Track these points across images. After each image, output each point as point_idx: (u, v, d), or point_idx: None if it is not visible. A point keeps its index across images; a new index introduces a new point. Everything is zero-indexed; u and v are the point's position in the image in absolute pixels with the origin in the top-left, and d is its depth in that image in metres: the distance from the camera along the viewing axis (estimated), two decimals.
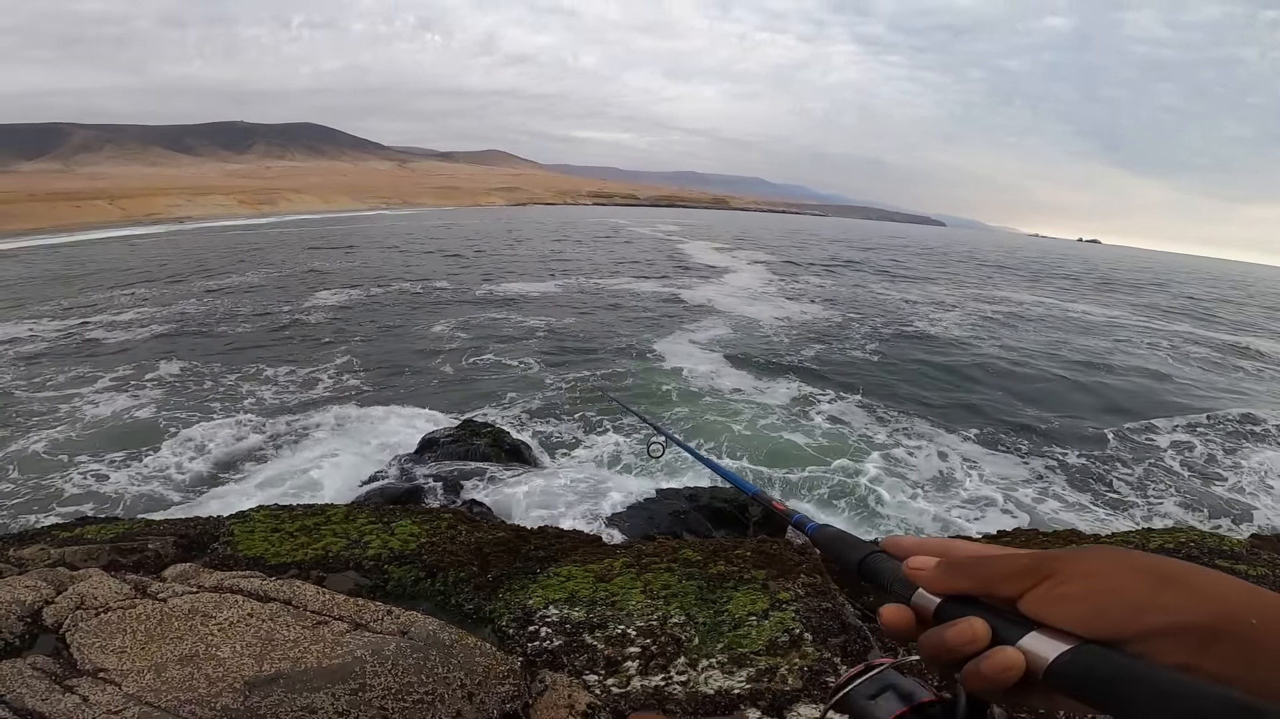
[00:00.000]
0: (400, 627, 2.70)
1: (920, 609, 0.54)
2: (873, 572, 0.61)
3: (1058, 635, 0.46)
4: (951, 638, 0.50)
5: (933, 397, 16.42)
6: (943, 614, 0.53)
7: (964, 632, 0.49)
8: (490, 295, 27.74)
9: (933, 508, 10.38)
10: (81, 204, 71.42)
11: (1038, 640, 0.47)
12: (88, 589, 2.82)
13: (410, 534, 4.32)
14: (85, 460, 10.72)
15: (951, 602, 0.53)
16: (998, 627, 0.49)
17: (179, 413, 12.86)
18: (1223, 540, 5.10)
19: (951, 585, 0.53)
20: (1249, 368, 23.66)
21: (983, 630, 0.49)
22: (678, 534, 6.78)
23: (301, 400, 14.06)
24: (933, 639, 0.51)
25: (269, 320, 21.35)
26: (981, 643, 0.49)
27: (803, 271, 44.20)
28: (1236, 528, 10.00)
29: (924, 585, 0.55)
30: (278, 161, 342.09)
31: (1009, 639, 0.48)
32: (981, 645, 0.49)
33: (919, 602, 0.55)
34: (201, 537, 4.33)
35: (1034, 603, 0.49)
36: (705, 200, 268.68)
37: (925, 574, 0.55)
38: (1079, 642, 0.45)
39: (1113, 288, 54.83)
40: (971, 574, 0.53)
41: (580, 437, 12.21)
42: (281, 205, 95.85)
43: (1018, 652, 0.47)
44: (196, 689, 2.30)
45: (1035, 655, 0.46)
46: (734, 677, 2.88)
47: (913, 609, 0.55)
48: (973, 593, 0.52)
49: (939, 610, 0.53)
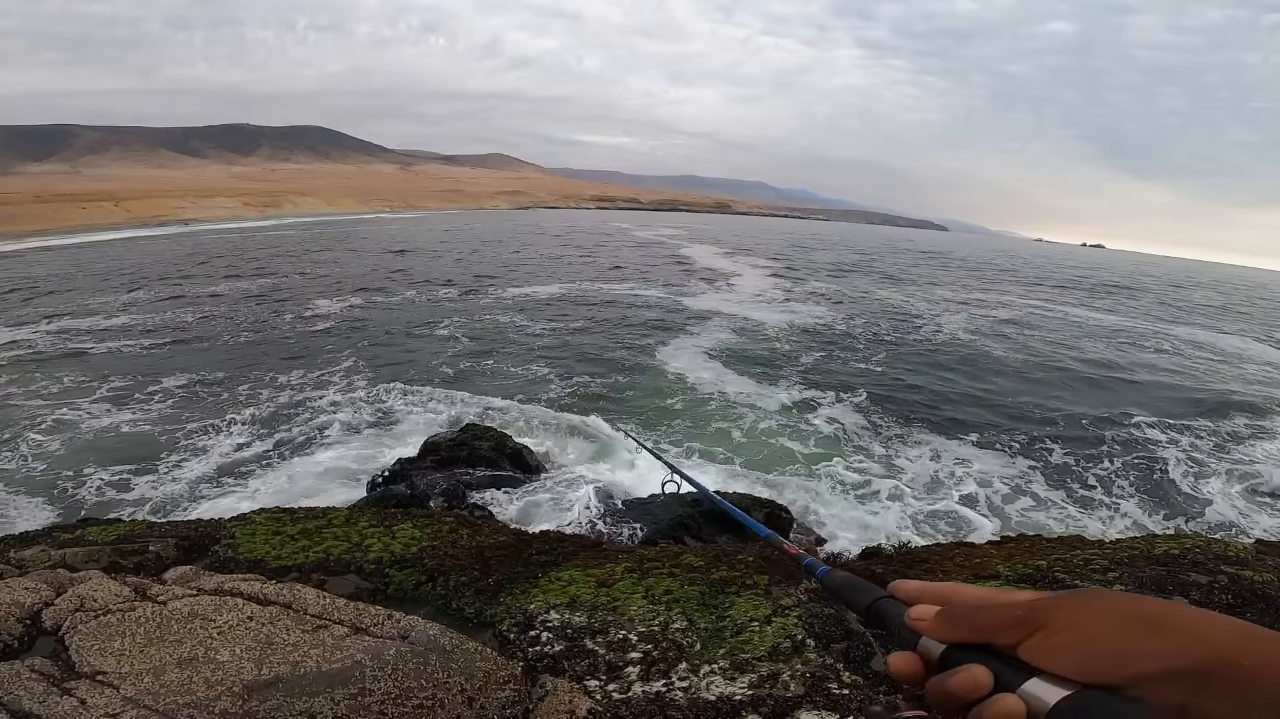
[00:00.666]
0: (401, 631, 2.69)
1: (927, 655, 0.56)
2: (880, 618, 0.62)
3: (1058, 682, 0.47)
4: (954, 686, 0.51)
5: (933, 401, 16.54)
6: (948, 661, 0.54)
7: (965, 680, 0.51)
8: (497, 300, 27.78)
9: (925, 507, 10.55)
10: (87, 206, 71.81)
11: (1038, 686, 0.48)
12: (87, 591, 2.81)
13: (411, 538, 4.31)
14: (89, 469, 10.73)
15: (956, 649, 0.54)
16: (1000, 673, 0.50)
17: (183, 419, 12.88)
18: (1228, 546, 5.06)
19: (952, 635, 0.55)
20: (1249, 372, 23.76)
21: (984, 678, 0.50)
22: (680, 539, 6.76)
23: (306, 403, 14.09)
24: (937, 687, 0.53)
25: (274, 325, 21.45)
26: (983, 690, 0.50)
27: (807, 277, 44.14)
28: (1244, 533, 9.96)
29: (925, 634, 0.56)
30: (282, 164, 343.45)
31: (1010, 686, 0.49)
32: (984, 692, 0.50)
33: (925, 648, 0.56)
34: (203, 539, 4.33)
35: (1031, 652, 0.50)
36: (707, 204, 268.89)
37: (926, 624, 0.57)
38: (1079, 687, 0.46)
39: (1116, 291, 54.87)
40: (970, 625, 0.54)
41: (582, 442, 12.20)
42: (286, 208, 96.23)
43: (1018, 698, 0.48)
44: (195, 693, 2.29)
45: (1036, 701, 0.47)
46: (736, 683, 2.86)
47: (920, 656, 0.56)
48: (971, 642, 0.54)
49: (944, 657, 0.54)
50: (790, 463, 11.96)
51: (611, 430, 12.62)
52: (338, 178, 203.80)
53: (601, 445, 11.95)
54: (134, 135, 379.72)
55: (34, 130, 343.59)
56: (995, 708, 0.48)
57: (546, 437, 12.32)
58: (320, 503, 7.68)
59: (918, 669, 0.56)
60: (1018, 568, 4.45)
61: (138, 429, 12.39)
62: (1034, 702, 0.47)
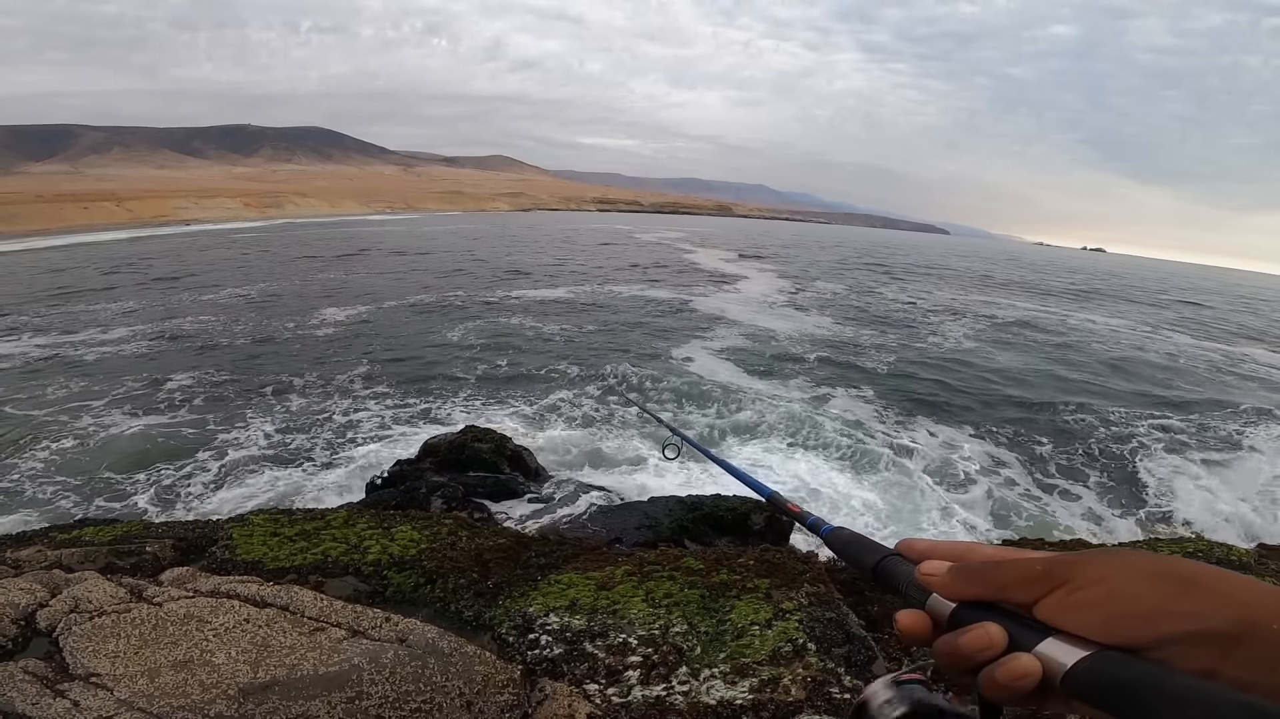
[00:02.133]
0: (399, 634, 2.66)
1: (936, 614, 0.53)
2: (888, 575, 0.60)
3: (1075, 641, 0.45)
4: (966, 644, 0.48)
5: (939, 397, 17.08)
6: (958, 619, 0.51)
7: (979, 638, 0.48)
8: (503, 302, 27.79)
9: (937, 499, 10.80)
10: (89, 206, 71.95)
11: (1055, 646, 0.45)
12: (83, 592, 2.79)
13: (410, 540, 4.29)
14: (101, 473, 10.70)
15: (967, 607, 0.51)
16: (1014, 632, 0.47)
17: (191, 425, 12.82)
18: (1230, 550, 5.06)
19: (964, 592, 0.52)
20: (1246, 372, 24.17)
21: (999, 636, 0.48)
22: (680, 542, 6.73)
23: (311, 406, 14.07)
24: (948, 645, 0.50)
25: (277, 331, 21.28)
26: (997, 649, 0.47)
27: (811, 279, 44.57)
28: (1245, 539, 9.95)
29: (937, 590, 0.53)
30: (284, 165, 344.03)
31: (1025, 645, 0.46)
32: (997, 652, 0.47)
33: (934, 607, 0.53)
34: (200, 540, 4.30)
35: (1049, 609, 0.47)
36: (709, 207, 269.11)
37: (938, 580, 0.54)
38: (1097, 648, 0.44)
39: (1112, 296, 55.13)
40: (984, 580, 0.52)
41: (585, 444, 12.18)
42: (288, 209, 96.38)
43: (1034, 658, 0.45)
44: (190, 695, 2.27)
45: (1052, 661, 0.45)
46: (736, 687, 2.84)
47: (929, 614, 0.54)
48: (987, 599, 0.51)
49: (954, 616, 0.52)
50: (802, 456, 12.30)
51: (613, 434, 12.60)
52: (339, 179, 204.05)
53: (602, 448, 11.94)
54: (136, 135, 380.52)
55: (36, 130, 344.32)
56: (1008, 668, 0.46)
57: (548, 439, 12.30)
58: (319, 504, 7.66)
59: (926, 627, 0.54)
60: None
61: (150, 433, 12.33)
62: (1050, 662, 0.45)
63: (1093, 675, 0.43)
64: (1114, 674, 0.42)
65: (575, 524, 7.81)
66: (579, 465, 11.22)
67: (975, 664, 0.48)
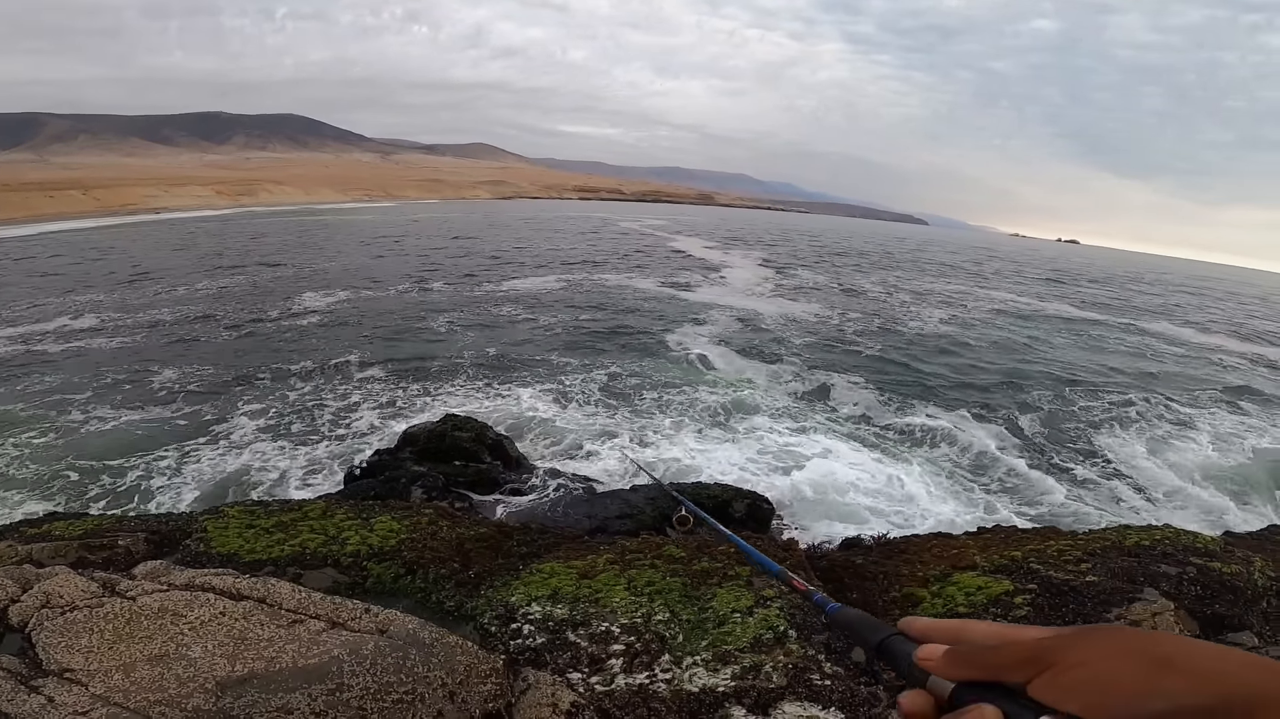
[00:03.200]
0: (379, 625, 2.65)
1: (937, 694, 0.56)
2: (891, 655, 0.62)
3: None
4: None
5: (920, 378, 18.25)
6: (957, 699, 0.54)
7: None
8: (491, 292, 27.65)
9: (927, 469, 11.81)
10: (55, 194, 69.96)
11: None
12: (54, 587, 2.73)
13: (390, 530, 4.25)
14: (81, 464, 10.53)
15: (966, 687, 0.54)
16: (1010, 712, 0.50)
17: (180, 416, 12.62)
18: (1196, 538, 5.17)
19: (959, 674, 0.55)
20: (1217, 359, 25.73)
21: (993, 718, 0.50)
22: (661, 530, 6.76)
23: (303, 394, 13.89)
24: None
25: (258, 321, 20.94)
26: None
27: (795, 267, 45.54)
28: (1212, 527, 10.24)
29: (935, 674, 0.56)
30: (258, 152, 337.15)
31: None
32: None
33: (935, 687, 0.56)
34: (173, 533, 4.23)
35: (1041, 690, 0.50)
36: (690, 196, 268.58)
37: (934, 664, 0.56)
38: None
39: (1076, 283, 57.03)
40: (976, 664, 0.54)
41: (564, 434, 12.16)
42: (262, 196, 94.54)
43: None
44: (166, 690, 2.24)
45: None
46: (719, 674, 2.86)
47: (930, 694, 0.56)
48: (980, 680, 0.53)
49: (954, 696, 0.54)
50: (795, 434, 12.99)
51: (590, 420, 12.60)
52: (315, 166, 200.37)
53: (582, 438, 11.93)
54: (103, 123, 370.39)
55: (1, 119, 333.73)
56: None
57: (528, 428, 12.27)
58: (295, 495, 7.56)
59: (929, 708, 0.56)
60: (994, 558, 4.51)
61: (132, 426, 12.12)
62: None
63: None
64: None
65: (557, 513, 7.81)
66: (560, 455, 11.22)
67: None
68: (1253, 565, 4.33)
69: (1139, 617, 3.54)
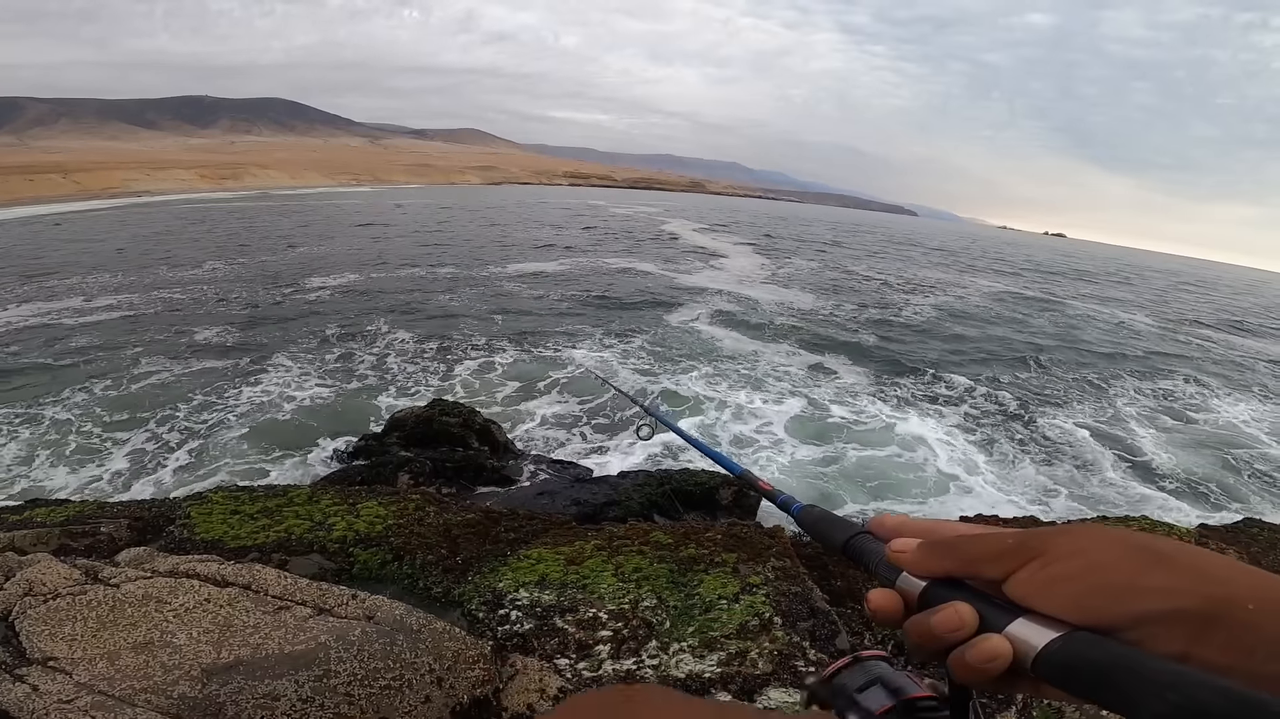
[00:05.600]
0: (366, 611, 2.64)
1: (906, 594, 0.52)
2: (858, 553, 0.58)
3: (1048, 622, 0.43)
4: (936, 625, 0.47)
5: (896, 352, 19.67)
6: (929, 598, 0.50)
7: (949, 618, 0.47)
8: (496, 274, 28.07)
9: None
10: (34, 178, 68.64)
11: (1026, 627, 0.44)
12: (35, 575, 2.71)
13: (376, 516, 4.24)
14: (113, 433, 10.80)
15: (938, 585, 0.50)
16: (985, 612, 0.46)
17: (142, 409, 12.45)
18: (1172, 529, 5.25)
19: (934, 567, 0.51)
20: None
21: (969, 617, 0.46)
22: (649, 517, 6.79)
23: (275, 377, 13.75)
24: (918, 626, 0.48)
25: (269, 299, 21.00)
26: (968, 630, 0.46)
27: (788, 255, 46.45)
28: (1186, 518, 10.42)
29: (907, 568, 0.52)
30: (244, 136, 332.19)
31: (997, 626, 0.45)
32: (968, 633, 0.46)
33: (905, 586, 0.52)
34: (157, 519, 4.20)
35: (1020, 585, 0.46)
36: (682, 184, 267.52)
37: (908, 556, 0.52)
38: (1069, 628, 0.42)
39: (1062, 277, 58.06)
40: (954, 555, 0.50)
41: (554, 418, 12.16)
42: (247, 180, 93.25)
43: (1004, 639, 0.44)
44: (152, 677, 2.23)
45: (1023, 643, 0.43)
46: (705, 660, 2.88)
47: (899, 593, 0.52)
48: (957, 575, 0.50)
49: (924, 594, 0.50)
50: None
51: (587, 410, 12.60)
52: (302, 150, 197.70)
53: (573, 422, 11.94)
54: (84, 107, 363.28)
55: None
56: (979, 649, 0.44)
57: (518, 412, 12.25)
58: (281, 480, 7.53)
59: (897, 607, 0.52)
60: None
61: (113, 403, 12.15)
62: (1021, 644, 0.43)
63: (1064, 658, 0.42)
64: (1086, 657, 0.41)
65: (545, 499, 7.82)
66: (548, 440, 11.22)
67: (946, 645, 0.47)
68: None
69: None
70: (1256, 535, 5.59)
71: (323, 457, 10.06)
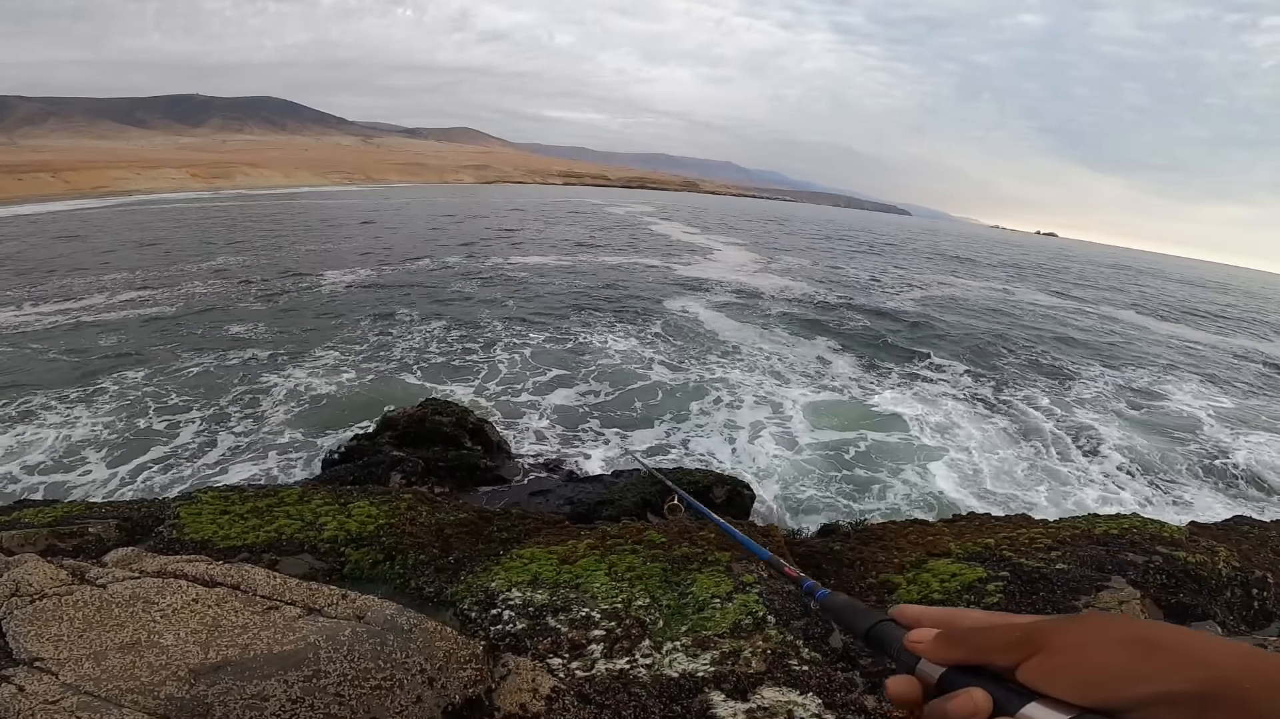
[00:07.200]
0: (356, 611, 2.62)
1: (925, 679, 0.55)
2: (880, 641, 0.62)
3: (1056, 705, 0.47)
4: (954, 710, 0.50)
5: (892, 343, 20.86)
6: (946, 684, 0.53)
7: (965, 704, 0.50)
8: (500, 268, 28.78)
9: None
10: (23, 177, 68.02)
11: (1037, 710, 0.47)
12: (22, 575, 2.67)
13: (368, 516, 4.22)
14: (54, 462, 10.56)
15: (955, 671, 0.54)
16: (999, 697, 0.49)
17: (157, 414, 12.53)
18: (1163, 527, 5.27)
19: (949, 657, 0.55)
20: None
21: (984, 702, 0.49)
22: (642, 516, 6.78)
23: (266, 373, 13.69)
24: (937, 710, 0.52)
25: (287, 292, 21.36)
26: (983, 714, 0.49)
27: (781, 252, 47.65)
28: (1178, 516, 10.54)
29: (925, 656, 0.56)
30: (235, 135, 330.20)
31: (1009, 710, 0.48)
32: (983, 717, 0.49)
33: (924, 671, 0.56)
34: (146, 519, 4.16)
35: (1030, 674, 0.49)
36: (676, 184, 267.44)
37: (924, 647, 0.56)
38: (1077, 711, 0.45)
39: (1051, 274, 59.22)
40: (968, 645, 0.54)
41: (547, 416, 12.14)
42: (238, 180, 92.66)
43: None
44: (139, 678, 2.20)
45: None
46: (698, 659, 2.88)
47: (918, 679, 0.56)
48: (971, 663, 0.53)
49: (943, 680, 0.54)
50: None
51: (576, 402, 12.58)
52: (294, 149, 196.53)
53: (565, 421, 11.92)
54: (74, 106, 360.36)
55: None
56: None
57: (510, 412, 12.22)
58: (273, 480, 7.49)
59: (916, 693, 0.56)
60: (968, 546, 4.57)
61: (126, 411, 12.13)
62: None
63: None
64: None
65: (538, 498, 7.80)
66: (541, 440, 11.20)
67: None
68: (1217, 555, 4.43)
69: (1106, 604, 3.62)
70: (1247, 533, 5.64)
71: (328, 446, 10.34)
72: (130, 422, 11.21)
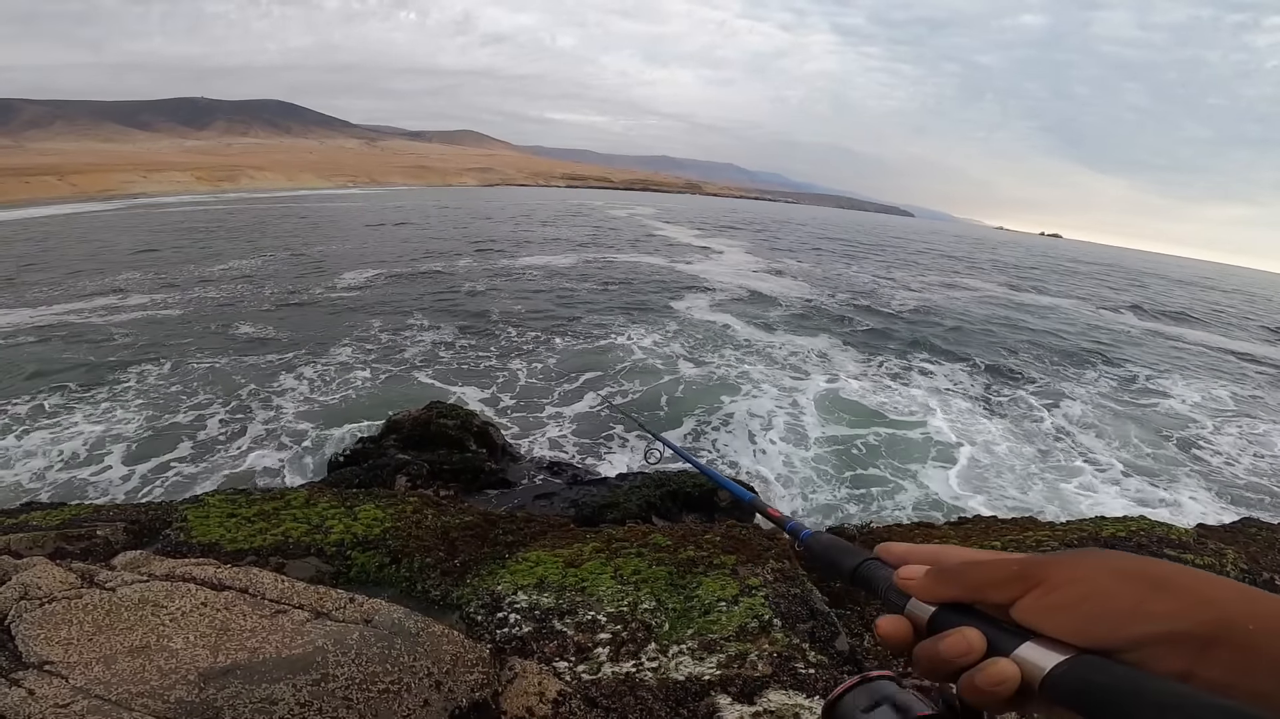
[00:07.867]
0: (363, 615, 2.63)
1: (915, 619, 0.53)
2: (866, 580, 0.60)
3: (1052, 645, 0.45)
4: (945, 649, 0.48)
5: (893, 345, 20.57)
6: (937, 624, 0.51)
7: (958, 643, 0.48)
8: (510, 268, 29.05)
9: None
10: (30, 180, 68.41)
11: (1032, 650, 0.45)
12: (31, 579, 2.69)
13: (374, 519, 4.23)
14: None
15: (946, 611, 0.52)
16: (993, 637, 0.47)
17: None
18: (1170, 529, 5.25)
19: (941, 593, 0.52)
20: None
21: (977, 641, 0.47)
22: (647, 519, 6.78)
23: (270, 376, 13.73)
24: (927, 650, 0.50)
25: (301, 294, 21.38)
26: (976, 654, 0.47)
27: (784, 254, 47.73)
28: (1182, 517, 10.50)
29: (915, 594, 0.54)
30: (239, 138, 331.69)
31: (1004, 650, 0.46)
32: (976, 657, 0.47)
33: (914, 611, 0.54)
34: (153, 522, 4.18)
35: (1025, 611, 0.47)
36: (678, 185, 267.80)
37: (916, 583, 0.54)
38: (1075, 652, 0.44)
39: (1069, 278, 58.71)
40: (960, 582, 0.52)
41: (555, 421, 12.15)
42: (243, 182, 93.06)
43: (1012, 663, 0.45)
44: (148, 681, 2.21)
45: (1031, 666, 0.45)
46: (704, 663, 2.88)
47: (908, 619, 0.54)
48: (964, 600, 0.51)
49: (933, 620, 0.52)
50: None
51: (587, 407, 12.60)
52: (298, 152, 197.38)
53: (572, 424, 11.92)
54: (79, 109, 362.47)
55: None
56: (988, 673, 0.45)
57: (515, 415, 12.24)
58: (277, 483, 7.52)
59: (906, 633, 0.53)
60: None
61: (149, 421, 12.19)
62: (1029, 667, 0.44)
63: (1071, 680, 0.43)
64: (1092, 679, 0.42)
65: (544, 501, 7.81)
66: (548, 443, 11.20)
67: (955, 669, 0.48)
68: (1224, 558, 4.41)
69: None
70: (1255, 535, 5.61)
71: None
72: (146, 420, 11.27)
